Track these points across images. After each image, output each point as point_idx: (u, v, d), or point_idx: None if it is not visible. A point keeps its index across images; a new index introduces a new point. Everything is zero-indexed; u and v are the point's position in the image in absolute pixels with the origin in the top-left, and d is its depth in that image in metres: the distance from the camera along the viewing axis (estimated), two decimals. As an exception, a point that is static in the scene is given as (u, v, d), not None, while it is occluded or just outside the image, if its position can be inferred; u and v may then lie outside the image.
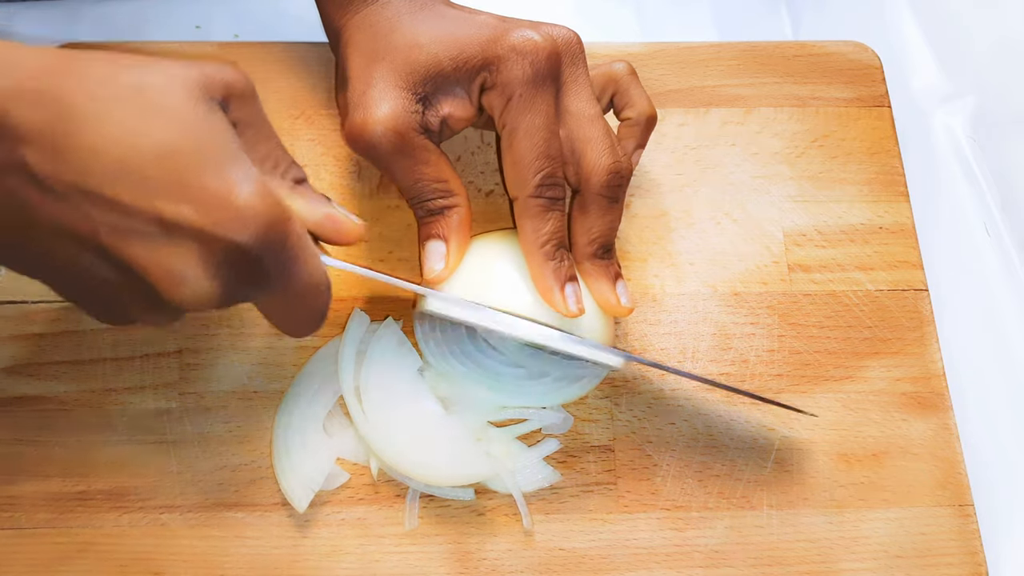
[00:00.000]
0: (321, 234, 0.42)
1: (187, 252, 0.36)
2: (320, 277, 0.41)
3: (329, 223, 0.42)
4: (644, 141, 0.51)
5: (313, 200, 0.42)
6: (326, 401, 0.49)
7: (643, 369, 0.50)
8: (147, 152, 0.35)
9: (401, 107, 0.45)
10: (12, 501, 0.47)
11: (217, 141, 0.37)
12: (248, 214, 0.36)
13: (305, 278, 0.39)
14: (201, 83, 0.38)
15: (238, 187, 0.36)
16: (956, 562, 0.47)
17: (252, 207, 0.36)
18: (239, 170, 0.37)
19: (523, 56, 0.45)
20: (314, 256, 0.40)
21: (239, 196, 0.36)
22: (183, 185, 0.35)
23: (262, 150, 0.41)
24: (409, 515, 0.47)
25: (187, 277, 0.36)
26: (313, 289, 0.40)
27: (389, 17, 0.47)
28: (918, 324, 0.52)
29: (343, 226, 0.43)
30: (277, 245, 0.37)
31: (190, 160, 0.36)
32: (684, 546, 0.47)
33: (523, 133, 0.45)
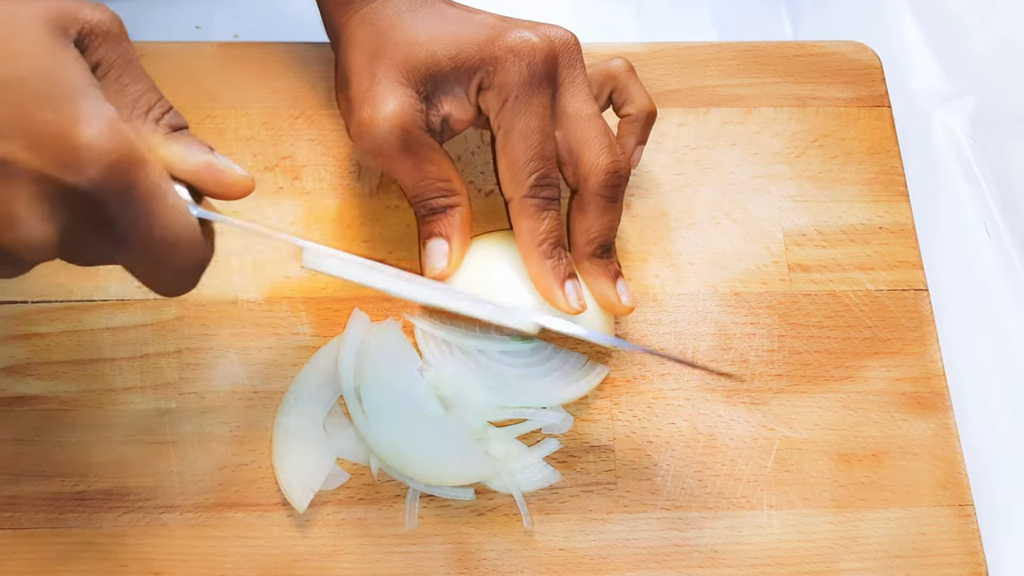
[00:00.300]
0: (201, 185, 0.38)
1: (16, 191, 0.33)
2: (183, 231, 0.37)
3: (208, 172, 0.38)
4: (644, 137, 0.51)
5: (191, 147, 0.38)
6: (326, 401, 0.49)
7: (643, 369, 0.50)
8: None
9: (407, 104, 0.45)
10: (12, 501, 0.47)
11: (63, 75, 0.34)
12: (87, 154, 0.33)
13: (160, 230, 0.36)
14: (51, 16, 0.35)
15: (80, 124, 0.33)
16: (956, 562, 0.47)
17: (93, 146, 0.33)
18: (85, 107, 0.34)
19: (520, 58, 0.45)
20: (174, 207, 0.36)
21: (80, 134, 0.33)
22: (17, 120, 0.33)
23: (131, 93, 0.38)
24: (409, 515, 0.47)
25: (16, 218, 0.33)
26: (172, 242, 0.36)
27: (389, 15, 0.47)
28: (918, 324, 0.52)
29: (224, 176, 0.38)
30: (121, 189, 0.34)
31: (26, 92, 0.33)
32: (684, 546, 0.47)
33: (518, 135, 0.45)
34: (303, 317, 0.51)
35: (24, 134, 0.33)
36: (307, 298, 0.51)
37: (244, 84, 0.56)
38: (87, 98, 0.34)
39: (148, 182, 0.35)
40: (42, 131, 0.33)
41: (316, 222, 0.52)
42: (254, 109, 0.55)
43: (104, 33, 0.36)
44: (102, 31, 0.36)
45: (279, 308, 0.51)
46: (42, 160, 0.33)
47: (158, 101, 0.38)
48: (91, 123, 0.33)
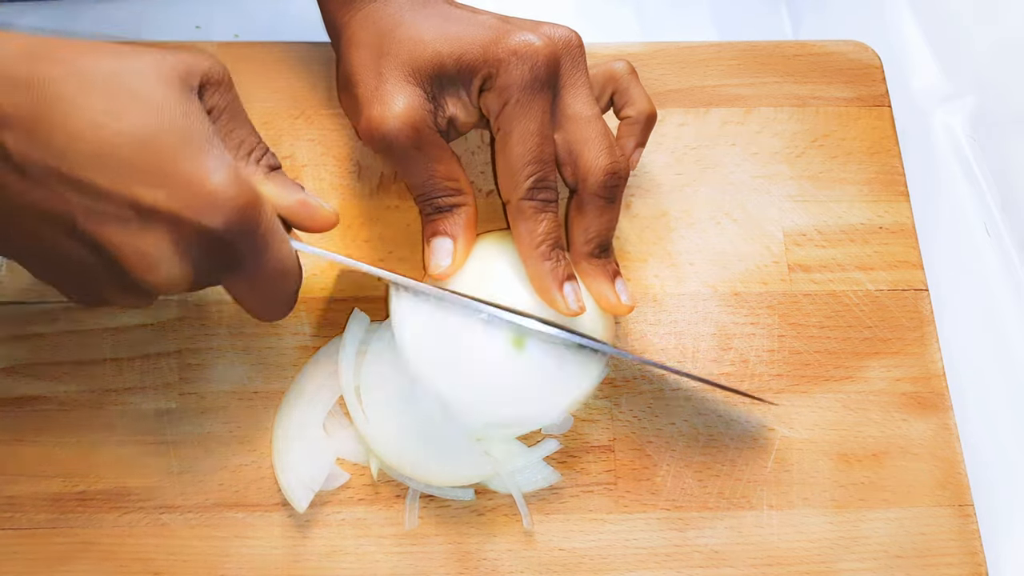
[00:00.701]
0: (294, 220, 0.43)
1: (160, 236, 0.37)
2: (290, 262, 0.42)
3: (302, 209, 0.43)
4: (644, 139, 0.51)
5: (286, 187, 0.43)
6: (326, 401, 0.49)
7: (643, 369, 0.50)
8: (124, 137, 0.36)
9: (417, 103, 0.45)
10: (12, 501, 0.47)
11: (192, 128, 0.38)
12: (220, 200, 0.37)
13: (275, 263, 0.40)
14: (178, 70, 0.38)
15: (211, 173, 0.37)
16: (956, 562, 0.47)
17: (224, 193, 0.37)
18: (213, 156, 0.37)
19: (522, 60, 0.45)
20: (284, 241, 0.41)
21: (212, 182, 0.37)
22: (158, 170, 0.36)
23: (237, 137, 0.42)
24: (409, 515, 0.47)
25: (160, 260, 0.37)
26: (283, 273, 0.41)
27: (392, 13, 0.47)
28: (918, 324, 0.52)
29: (316, 212, 0.43)
30: (248, 230, 0.38)
31: (165, 146, 0.36)
32: (684, 546, 0.47)
33: (517, 137, 0.45)
34: (303, 317, 0.51)
35: (165, 184, 0.36)
36: (307, 298, 0.51)
37: (244, 84, 0.55)
38: (214, 148, 0.38)
39: (268, 221, 0.40)
40: (181, 181, 0.36)
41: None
42: (254, 109, 0.55)
43: (218, 82, 0.41)
44: (216, 80, 0.41)
45: (279, 308, 0.51)
46: (183, 207, 0.36)
47: (258, 144, 0.43)
48: (220, 171, 0.37)
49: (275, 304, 0.43)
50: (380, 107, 0.45)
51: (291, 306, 0.44)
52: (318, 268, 0.52)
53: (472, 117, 0.47)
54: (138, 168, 0.36)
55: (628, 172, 0.48)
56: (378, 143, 0.46)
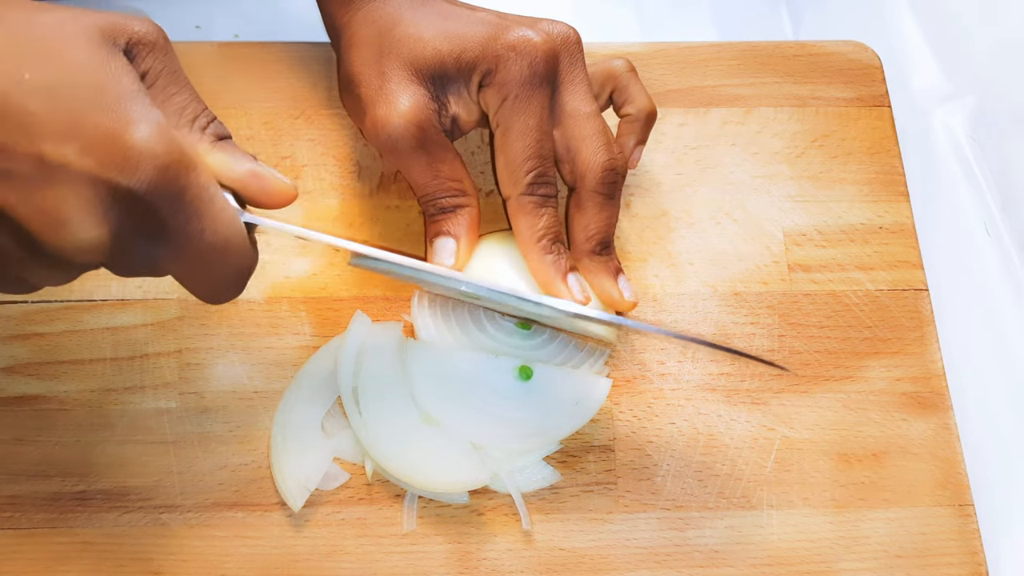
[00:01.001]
0: (246, 193, 0.39)
1: (69, 194, 0.33)
2: (232, 235, 0.37)
3: (253, 180, 0.39)
4: (644, 137, 0.51)
5: (235, 156, 0.39)
6: (324, 401, 0.48)
7: (643, 369, 0.50)
8: (31, 88, 0.33)
9: (422, 102, 0.45)
10: (12, 501, 0.47)
11: (113, 81, 0.34)
12: (140, 155, 0.33)
13: (211, 235, 0.36)
14: (100, 26, 0.36)
15: (132, 127, 0.34)
16: (956, 562, 0.47)
17: (145, 148, 0.34)
18: (135, 111, 0.34)
19: (521, 56, 0.45)
20: (223, 211, 0.37)
21: (131, 135, 0.33)
22: (68, 123, 0.33)
23: (177, 103, 0.38)
24: (408, 517, 0.47)
25: (67, 220, 0.33)
26: (222, 247, 0.37)
27: (391, 12, 0.47)
28: (918, 324, 0.52)
29: (269, 184, 0.39)
30: (173, 193, 0.35)
31: (78, 98, 0.33)
32: (684, 546, 0.47)
33: (516, 133, 0.45)
34: (303, 317, 0.51)
35: (77, 137, 0.33)
36: (307, 298, 0.51)
37: (244, 84, 0.56)
38: (137, 103, 0.34)
39: (198, 185, 0.35)
40: (95, 135, 0.33)
41: (316, 221, 0.52)
42: (254, 109, 0.55)
43: (151, 44, 0.37)
44: (149, 42, 0.37)
45: (279, 308, 0.51)
46: (95, 163, 0.33)
47: (203, 111, 0.39)
48: (142, 127, 0.34)
49: (217, 283, 0.38)
50: (385, 106, 0.45)
51: (240, 287, 0.39)
52: (318, 268, 0.52)
53: (474, 115, 0.47)
54: (43, 121, 0.33)
55: (626, 169, 0.49)
56: (383, 143, 0.46)
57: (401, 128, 0.45)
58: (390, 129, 0.45)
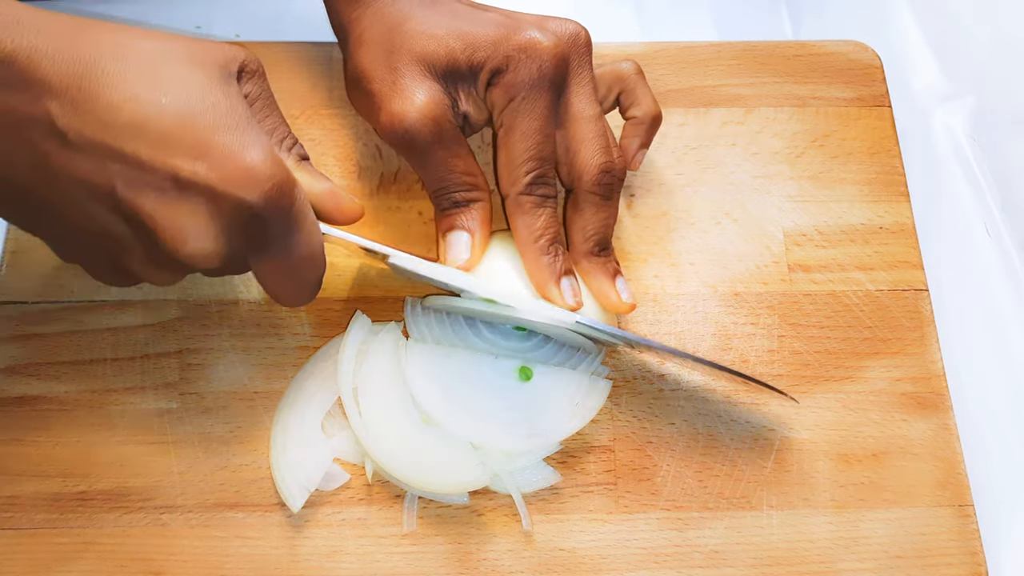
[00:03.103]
0: (322, 209, 0.44)
1: (197, 208, 0.38)
2: (319, 246, 0.42)
3: (330, 199, 0.44)
4: (648, 140, 0.52)
5: (315, 176, 0.44)
6: (324, 401, 0.48)
7: (643, 369, 0.50)
8: (167, 111, 0.37)
9: (437, 97, 0.46)
10: (12, 501, 0.47)
11: (231, 107, 0.39)
12: (258, 175, 0.38)
13: (304, 246, 0.41)
14: (217, 55, 0.40)
15: (250, 149, 0.38)
16: (956, 562, 0.47)
17: (262, 169, 0.38)
18: (251, 135, 0.38)
19: (531, 59, 0.45)
20: (315, 225, 0.41)
21: (251, 157, 0.38)
22: (198, 143, 0.37)
23: (270, 124, 0.43)
24: (408, 517, 0.47)
25: (194, 231, 0.38)
26: (311, 257, 0.42)
27: (401, 9, 0.47)
28: (918, 324, 0.52)
29: (343, 203, 0.44)
30: (283, 208, 0.39)
31: (205, 121, 0.37)
32: (684, 546, 0.47)
33: (519, 134, 0.45)
34: (303, 317, 0.51)
35: (207, 157, 0.37)
36: (307, 298, 0.51)
37: (244, 84, 0.56)
38: (252, 128, 0.39)
39: (301, 203, 0.40)
40: (221, 155, 0.37)
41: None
42: (254, 109, 0.55)
43: (253, 71, 0.42)
44: (252, 70, 0.42)
45: (279, 308, 0.51)
46: (221, 180, 0.37)
47: (289, 134, 0.44)
48: (260, 149, 0.38)
49: (301, 289, 0.43)
50: (401, 101, 0.45)
51: (316, 292, 0.44)
52: (318, 268, 0.52)
53: (483, 114, 0.47)
54: (178, 140, 0.37)
55: (625, 171, 0.49)
56: (399, 137, 0.46)
57: (418, 123, 0.45)
58: (407, 124, 0.45)
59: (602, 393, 0.48)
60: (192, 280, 0.51)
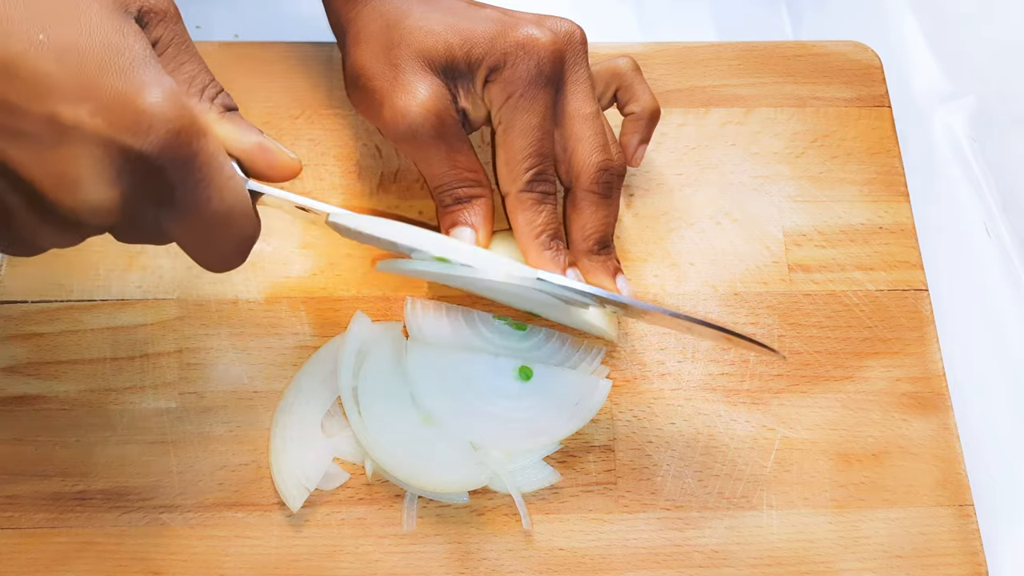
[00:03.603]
0: (251, 165, 0.40)
1: (82, 155, 0.33)
2: (238, 203, 0.38)
3: (260, 153, 0.40)
4: (648, 136, 0.52)
5: (242, 128, 0.40)
6: (324, 401, 0.48)
7: (643, 369, 0.50)
8: (43, 48, 0.33)
9: (439, 92, 0.45)
10: (12, 501, 0.47)
11: (126, 44, 0.35)
12: (152, 119, 0.34)
13: (218, 201, 0.37)
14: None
15: (145, 91, 0.34)
16: (956, 562, 0.47)
17: (157, 112, 0.34)
18: (148, 75, 0.34)
19: (528, 55, 0.45)
20: (231, 179, 0.37)
21: (144, 100, 0.34)
22: (82, 85, 0.33)
23: (187, 72, 0.39)
24: (407, 517, 0.47)
25: (79, 181, 0.34)
26: (227, 214, 0.37)
27: (398, 6, 0.47)
28: (918, 324, 0.52)
29: (275, 158, 0.40)
30: (184, 157, 0.35)
31: (92, 60, 0.33)
32: (684, 546, 0.47)
33: (518, 131, 0.45)
34: (303, 317, 0.51)
35: (90, 99, 0.33)
36: (307, 298, 0.51)
37: (244, 84, 0.56)
38: (150, 68, 0.35)
39: (208, 152, 0.36)
40: (108, 97, 0.33)
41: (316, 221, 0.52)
42: (254, 108, 0.55)
43: (162, 12, 0.38)
44: (160, 11, 0.38)
45: (279, 308, 0.51)
46: (108, 124, 0.33)
47: (211, 81, 0.40)
48: (155, 91, 0.34)
49: (222, 251, 0.39)
50: (404, 97, 0.45)
51: (243, 256, 0.39)
52: (318, 268, 0.52)
53: (481, 112, 0.47)
54: (56, 81, 0.33)
55: (624, 169, 0.49)
56: (402, 133, 0.46)
57: (421, 117, 0.45)
58: (410, 119, 0.45)
59: (602, 393, 0.48)
60: (192, 280, 0.51)
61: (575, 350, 0.49)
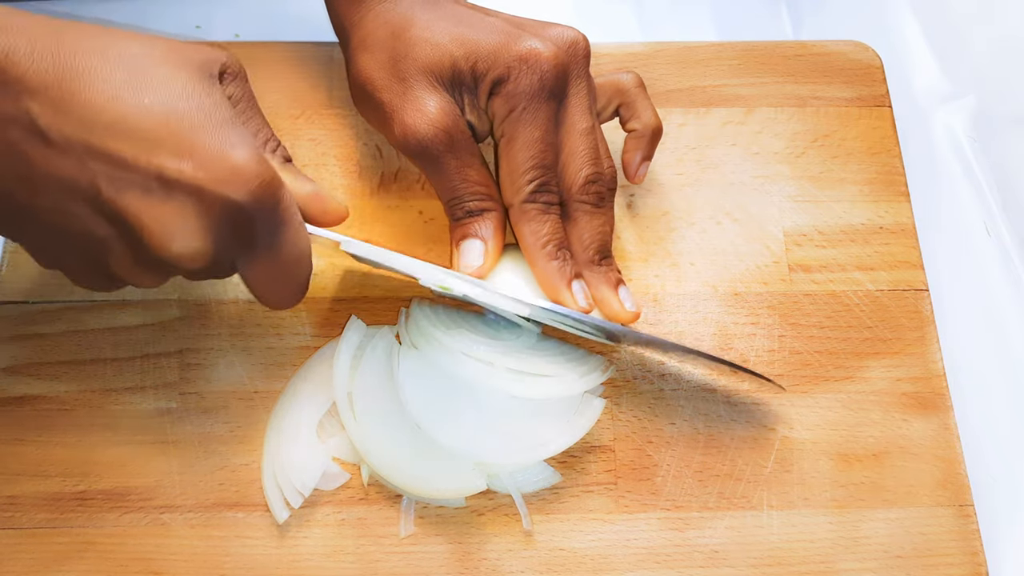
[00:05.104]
0: (307, 211, 0.44)
1: (183, 207, 0.37)
2: (305, 247, 0.42)
3: (315, 201, 0.44)
4: (650, 153, 0.52)
5: (299, 178, 0.44)
6: (320, 405, 0.48)
7: (643, 369, 0.50)
8: (150, 111, 0.37)
9: (448, 107, 0.46)
10: (12, 501, 0.47)
11: (215, 106, 0.38)
12: (245, 173, 0.37)
13: (291, 246, 0.41)
14: (199, 56, 0.40)
15: (237, 148, 0.37)
16: (956, 562, 0.47)
17: (248, 167, 0.37)
18: (237, 134, 0.38)
19: (532, 69, 0.45)
20: (301, 225, 0.41)
21: (237, 156, 0.37)
22: (183, 142, 0.37)
23: (253, 126, 0.43)
24: (404, 521, 0.47)
25: (180, 230, 0.37)
26: (298, 257, 0.41)
27: (403, 12, 0.47)
28: (918, 324, 0.52)
29: (328, 205, 0.44)
30: (270, 207, 0.39)
31: (191, 121, 0.37)
32: (684, 546, 0.47)
33: (521, 144, 0.45)
34: (303, 317, 0.51)
35: (192, 156, 0.37)
36: (307, 298, 0.51)
37: (244, 84, 0.56)
38: (237, 127, 0.39)
39: (288, 200, 0.40)
40: (206, 154, 0.37)
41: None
42: (254, 109, 0.55)
43: (235, 73, 0.42)
44: (233, 71, 0.42)
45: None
46: (207, 178, 0.37)
47: (272, 135, 0.44)
48: (246, 148, 0.38)
49: (289, 290, 0.43)
50: (414, 113, 0.45)
51: (303, 293, 0.43)
52: (318, 268, 0.52)
53: (485, 124, 0.47)
54: (163, 140, 0.36)
55: (614, 181, 0.48)
56: (413, 148, 0.46)
57: (431, 134, 0.45)
58: (420, 135, 0.45)
59: (595, 412, 0.48)
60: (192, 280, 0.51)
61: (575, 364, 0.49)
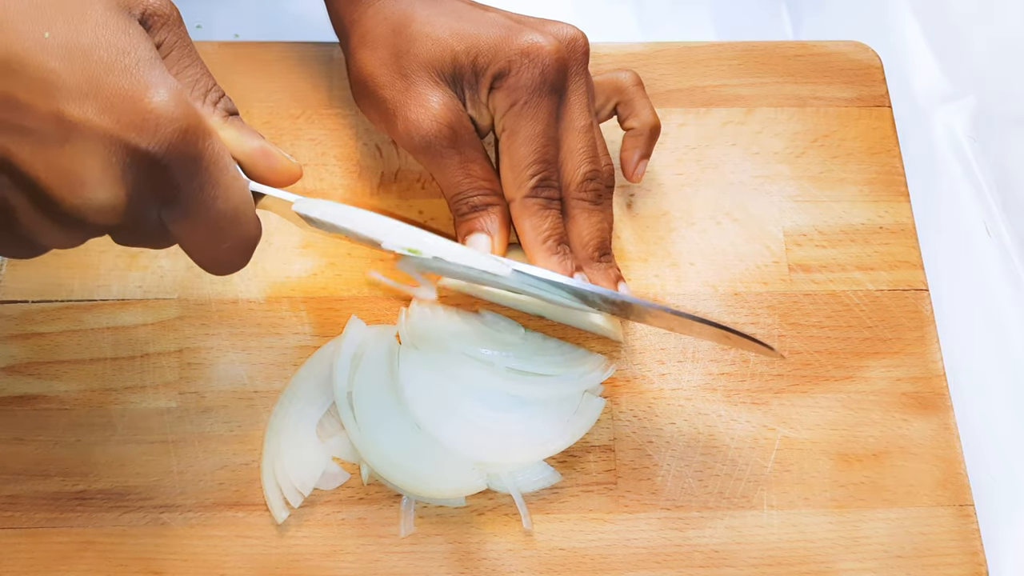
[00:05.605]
0: (253, 169, 0.40)
1: (88, 153, 0.33)
2: (242, 204, 0.38)
3: (262, 157, 0.40)
4: (648, 151, 0.52)
5: (245, 132, 0.40)
6: (320, 404, 0.48)
7: (643, 369, 0.50)
8: (49, 46, 0.33)
9: (451, 103, 0.46)
10: (12, 501, 0.47)
11: (131, 46, 0.35)
12: (159, 118, 0.34)
13: (222, 202, 0.37)
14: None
15: (151, 90, 0.34)
16: (956, 562, 0.47)
17: (164, 112, 0.34)
18: (153, 75, 0.34)
19: (533, 63, 0.45)
20: (235, 179, 0.37)
21: (151, 99, 0.34)
22: (89, 83, 0.33)
23: (190, 75, 0.39)
24: (404, 522, 0.47)
25: (85, 179, 0.33)
26: (232, 216, 0.37)
27: (403, 8, 0.47)
28: (918, 324, 0.52)
29: (277, 162, 0.40)
30: (189, 157, 0.35)
31: (99, 59, 0.33)
32: (684, 546, 0.47)
33: (523, 138, 0.45)
34: (303, 317, 0.51)
35: (97, 97, 0.33)
36: (307, 298, 0.51)
37: (245, 83, 0.56)
38: (155, 68, 0.35)
39: (213, 152, 0.36)
40: (114, 96, 0.33)
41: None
42: (255, 108, 0.55)
43: (165, 16, 0.38)
44: (163, 14, 0.38)
45: (279, 308, 0.51)
46: (114, 123, 0.33)
47: (214, 86, 0.40)
48: (161, 91, 0.34)
49: (226, 253, 0.39)
50: (417, 110, 0.45)
51: (245, 258, 0.39)
52: (318, 268, 0.52)
53: (486, 119, 0.47)
54: (63, 79, 0.33)
55: (611, 178, 0.49)
56: (417, 145, 0.46)
57: (435, 130, 0.45)
58: (423, 132, 0.45)
59: (594, 411, 0.48)
60: (193, 280, 0.51)
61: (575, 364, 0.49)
